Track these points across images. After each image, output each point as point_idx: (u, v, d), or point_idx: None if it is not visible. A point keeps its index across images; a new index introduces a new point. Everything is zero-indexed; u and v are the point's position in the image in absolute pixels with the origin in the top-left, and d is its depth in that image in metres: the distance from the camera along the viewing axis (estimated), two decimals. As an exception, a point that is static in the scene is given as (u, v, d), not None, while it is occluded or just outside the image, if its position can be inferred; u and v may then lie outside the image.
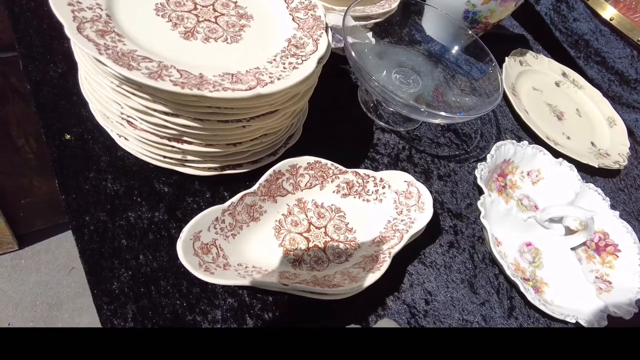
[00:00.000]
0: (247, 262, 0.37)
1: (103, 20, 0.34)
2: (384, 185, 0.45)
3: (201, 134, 0.36)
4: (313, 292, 0.36)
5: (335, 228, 0.43)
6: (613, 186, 0.68)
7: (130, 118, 0.37)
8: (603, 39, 0.93)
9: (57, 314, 1.00)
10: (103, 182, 0.41)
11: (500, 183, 0.57)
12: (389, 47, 0.62)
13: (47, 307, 1.00)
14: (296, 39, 0.40)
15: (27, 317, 0.98)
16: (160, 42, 0.35)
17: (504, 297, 0.48)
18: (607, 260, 0.55)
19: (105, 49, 0.31)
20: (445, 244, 0.49)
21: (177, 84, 0.31)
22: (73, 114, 0.44)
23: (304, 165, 0.43)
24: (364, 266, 0.39)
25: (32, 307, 0.99)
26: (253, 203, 0.40)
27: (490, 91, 0.57)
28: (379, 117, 0.57)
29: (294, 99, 0.39)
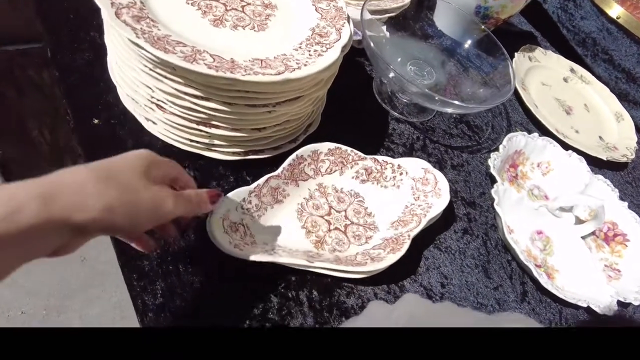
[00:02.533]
0: (272, 242, 0.38)
1: (138, 7, 0.35)
2: (402, 172, 0.46)
3: (229, 117, 0.38)
4: (337, 270, 0.37)
5: (355, 212, 0.44)
6: (621, 179, 0.69)
7: (161, 102, 0.38)
8: (610, 37, 0.94)
9: (69, 303, 1.01)
10: (131, 165, 0.42)
11: (511, 173, 0.59)
12: (403, 41, 0.64)
13: (60, 297, 1.02)
14: (320, 28, 0.41)
15: (39, 305, 1.00)
16: (191, 29, 0.37)
17: (517, 282, 0.49)
18: (616, 250, 0.56)
19: (142, 33, 0.32)
20: (460, 231, 0.50)
21: (212, 67, 0.32)
22: (101, 99, 0.45)
23: (325, 151, 0.44)
24: (384, 247, 0.40)
25: (45, 296, 1.01)
26: (277, 186, 0.41)
27: (502, 84, 0.58)
28: (393, 108, 0.59)
29: (317, 85, 0.41)
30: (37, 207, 0.21)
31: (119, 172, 0.26)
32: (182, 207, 0.29)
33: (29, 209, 0.21)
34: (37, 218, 0.21)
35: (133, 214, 0.25)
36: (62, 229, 0.23)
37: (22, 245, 0.21)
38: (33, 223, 0.21)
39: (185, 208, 0.29)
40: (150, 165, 0.28)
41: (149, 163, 0.28)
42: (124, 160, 0.27)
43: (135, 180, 0.26)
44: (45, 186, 0.22)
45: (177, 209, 0.28)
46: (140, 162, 0.28)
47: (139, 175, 0.27)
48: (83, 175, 0.24)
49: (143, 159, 0.28)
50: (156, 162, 0.29)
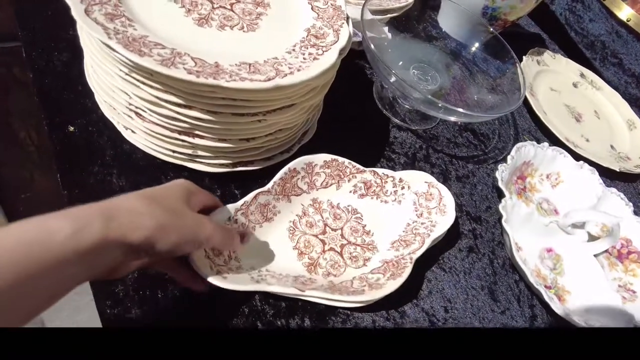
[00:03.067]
0: (260, 266, 0.35)
1: (113, 3, 0.31)
2: (404, 186, 0.43)
3: (214, 127, 0.34)
4: (331, 299, 0.34)
5: (352, 230, 0.40)
6: (633, 190, 0.65)
7: (139, 109, 0.35)
8: (620, 41, 0.90)
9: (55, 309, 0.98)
10: (108, 177, 0.39)
11: (519, 186, 0.55)
12: (405, 43, 0.60)
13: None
14: (316, 28, 0.38)
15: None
16: (173, 29, 0.33)
17: (525, 305, 0.45)
18: (630, 268, 0.53)
19: (114, 33, 0.29)
20: (465, 249, 0.46)
21: (192, 73, 0.29)
22: (77, 104, 0.41)
23: (320, 163, 0.41)
24: (384, 272, 0.37)
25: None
26: (267, 202, 0.38)
27: (511, 90, 0.54)
28: (394, 115, 0.55)
29: (312, 92, 0.37)
30: (100, 226, 0.22)
31: (163, 197, 0.28)
32: (219, 237, 0.30)
33: (94, 226, 0.22)
34: (100, 236, 0.22)
35: (180, 235, 0.27)
36: (119, 248, 0.24)
37: (86, 263, 0.22)
38: (97, 241, 0.22)
39: (221, 239, 0.30)
40: (190, 194, 0.30)
41: (188, 192, 0.30)
42: (167, 189, 0.29)
43: (180, 206, 0.28)
44: (104, 208, 0.24)
45: (214, 238, 0.29)
46: (182, 190, 0.30)
47: (181, 202, 0.29)
48: (133, 199, 0.26)
49: (184, 188, 0.30)
50: (195, 192, 0.31)
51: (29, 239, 0.20)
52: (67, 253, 0.20)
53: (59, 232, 0.21)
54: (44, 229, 0.21)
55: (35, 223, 0.21)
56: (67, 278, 0.21)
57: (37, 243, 0.20)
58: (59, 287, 0.21)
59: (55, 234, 0.20)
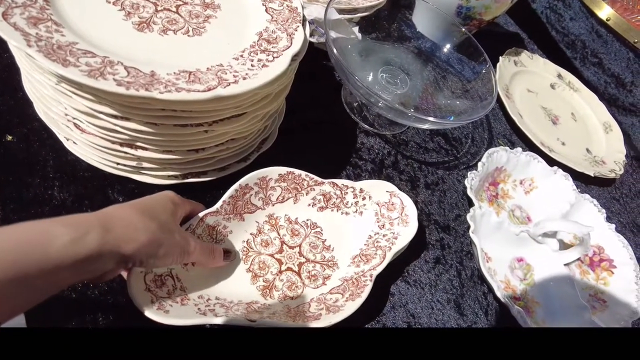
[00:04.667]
0: (209, 294, 0.32)
1: (38, 6, 0.29)
2: (364, 197, 0.41)
3: (156, 139, 0.32)
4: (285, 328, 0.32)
5: (311, 247, 0.38)
6: (608, 195, 0.65)
7: (77, 120, 0.32)
8: (600, 40, 0.89)
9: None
10: (49, 190, 0.36)
11: (491, 192, 0.54)
12: (376, 44, 0.58)
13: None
14: (268, 32, 0.35)
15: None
16: (109, 34, 0.31)
17: (493, 319, 0.44)
18: (601, 277, 0.52)
19: (37, 40, 0.26)
20: (431, 260, 0.45)
21: (122, 84, 0.26)
22: (17, 112, 0.39)
23: (275, 177, 0.38)
24: (343, 291, 0.35)
25: None
26: (216, 224, 0.35)
27: (484, 94, 0.53)
28: (363, 120, 0.53)
29: (265, 100, 0.35)
30: (98, 236, 0.23)
31: (156, 212, 0.28)
32: (201, 255, 0.31)
33: (92, 236, 0.23)
34: (98, 245, 0.23)
35: (169, 251, 0.28)
36: (113, 258, 0.24)
37: (80, 268, 0.23)
38: (94, 250, 0.23)
39: (203, 257, 0.31)
40: (176, 207, 0.31)
41: (175, 205, 0.31)
42: (157, 202, 0.30)
43: (169, 221, 0.29)
44: (102, 218, 0.24)
45: (197, 255, 0.30)
46: (170, 204, 0.30)
47: (170, 217, 0.29)
48: (129, 211, 0.27)
49: (171, 201, 0.31)
50: (180, 204, 0.32)
51: (30, 241, 0.21)
52: (64, 259, 0.22)
53: (59, 237, 0.22)
54: (45, 233, 0.22)
55: (37, 227, 0.22)
56: (60, 280, 0.22)
57: (37, 246, 0.21)
58: (51, 287, 0.22)
59: (56, 239, 0.22)
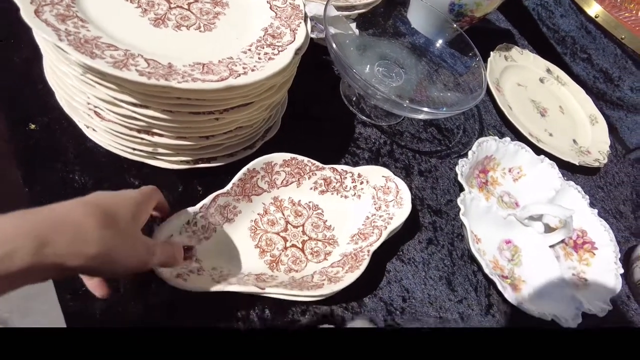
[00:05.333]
0: (221, 266, 0.36)
1: (65, 4, 0.32)
2: (362, 181, 0.44)
3: (171, 126, 0.35)
4: (291, 295, 0.35)
5: (314, 226, 0.42)
6: (592, 183, 0.68)
7: (97, 108, 0.35)
8: (589, 36, 0.93)
9: (33, 304, 0.97)
10: (71, 174, 0.39)
11: (481, 179, 0.57)
12: (373, 39, 0.61)
13: (23, 298, 0.98)
14: (273, 28, 0.38)
15: (2, 309, 0.96)
16: (128, 29, 0.34)
17: (482, 295, 0.48)
18: (584, 258, 0.55)
19: (66, 34, 0.29)
20: (424, 241, 0.48)
21: (144, 74, 0.29)
22: (39, 102, 0.42)
23: (280, 162, 0.42)
24: (343, 265, 0.38)
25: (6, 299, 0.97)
26: (226, 204, 0.38)
27: (474, 87, 0.56)
28: (360, 111, 0.56)
29: (270, 90, 0.38)
30: (31, 251, 0.21)
31: (116, 216, 0.26)
32: (164, 258, 0.30)
33: (23, 251, 0.21)
34: (31, 261, 0.21)
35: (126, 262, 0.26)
36: (54, 270, 0.23)
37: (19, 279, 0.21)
38: (27, 266, 0.21)
39: (165, 260, 0.30)
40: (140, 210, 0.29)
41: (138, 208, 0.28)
42: (120, 204, 0.27)
43: (131, 227, 0.27)
44: (40, 226, 0.22)
45: (159, 260, 0.29)
46: (133, 207, 0.28)
47: (132, 221, 0.27)
48: (81, 216, 0.24)
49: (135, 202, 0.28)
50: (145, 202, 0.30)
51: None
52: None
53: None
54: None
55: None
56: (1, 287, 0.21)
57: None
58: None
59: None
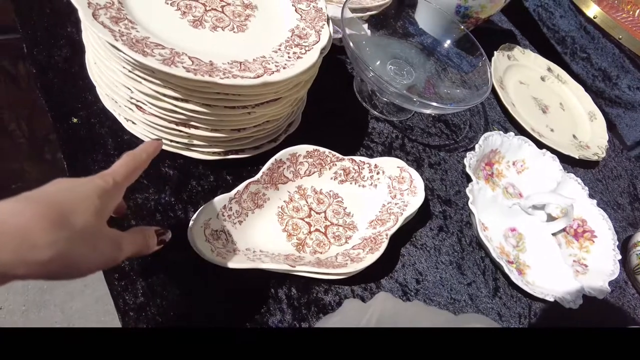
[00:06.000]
0: (254, 247, 0.39)
1: (116, 7, 0.35)
2: (379, 171, 0.47)
3: (208, 119, 0.38)
4: (318, 273, 0.38)
5: (334, 213, 0.45)
6: (592, 177, 0.72)
7: (140, 103, 0.39)
8: (587, 36, 0.96)
9: (49, 297, 1.01)
10: (110, 164, 0.42)
11: (487, 172, 0.60)
12: (384, 39, 0.64)
13: (39, 291, 1.01)
14: (299, 29, 0.42)
15: (19, 301, 0.99)
16: (170, 30, 0.37)
17: (489, 278, 0.51)
18: (584, 245, 0.59)
19: (120, 35, 0.32)
20: (435, 228, 0.51)
21: (190, 71, 0.32)
22: (79, 98, 0.45)
23: (303, 153, 0.45)
24: (363, 247, 0.41)
25: (23, 291, 1.00)
26: (257, 191, 0.42)
27: (480, 84, 0.59)
28: (373, 107, 0.59)
29: (296, 87, 0.41)
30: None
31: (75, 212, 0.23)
32: (135, 249, 0.28)
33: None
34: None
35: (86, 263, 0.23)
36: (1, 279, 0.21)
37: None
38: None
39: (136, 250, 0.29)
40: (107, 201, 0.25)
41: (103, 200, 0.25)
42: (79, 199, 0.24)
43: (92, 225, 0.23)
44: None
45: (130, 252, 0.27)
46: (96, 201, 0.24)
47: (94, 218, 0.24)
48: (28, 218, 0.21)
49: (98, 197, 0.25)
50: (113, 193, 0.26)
51: None
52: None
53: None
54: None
55: None
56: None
57: None
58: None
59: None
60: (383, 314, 0.27)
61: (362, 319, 0.27)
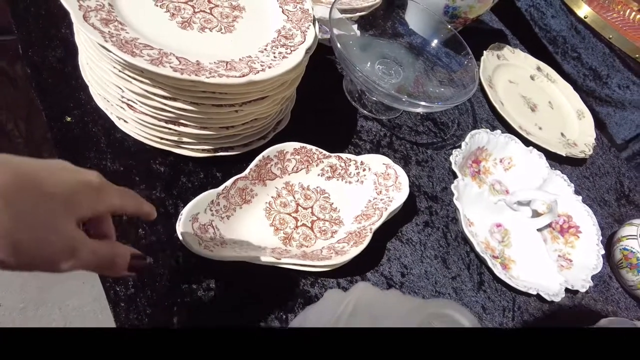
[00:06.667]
0: (241, 240, 0.40)
1: (106, 10, 0.36)
2: (365, 168, 0.49)
3: (196, 117, 0.39)
4: (303, 265, 0.39)
5: (321, 208, 0.46)
6: (579, 174, 0.73)
7: (130, 101, 0.40)
8: (578, 36, 0.98)
9: (47, 295, 1.02)
10: (103, 161, 0.43)
11: (474, 169, 0.62)
12: (373, 40, 0.65)
13: (37, 290, 1.02)
14: (285, 30, 0.43)
15: (17, 299, 1.00)
16: (159, 31, 0.38)
17: (474, 272, 0.52)
18: (569, 241, 0.60)
19: (109, 36, 0.34)
20: (421, 223, 0.53)
21: (177, 70, 0.34)
22: (73, 97, 0.46)
23: (291, 150, 0.46)
24: (348, 241, 0.43)
25: (21, 289, 1.01)
26: (245, 187, 0.43)
27: (467, 82, 0.60)
28: (362, 106, 0.61)
29: (283, 86, 0.42)
30: None
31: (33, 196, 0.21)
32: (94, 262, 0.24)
33: None
34: None
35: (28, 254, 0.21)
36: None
37: None
38: None
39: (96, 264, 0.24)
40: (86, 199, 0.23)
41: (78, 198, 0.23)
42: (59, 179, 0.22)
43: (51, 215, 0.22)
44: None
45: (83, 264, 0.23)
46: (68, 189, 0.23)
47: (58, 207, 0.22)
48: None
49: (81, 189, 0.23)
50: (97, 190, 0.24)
51: None
52: None
53: None
54: None
55: None
56: None
57: None
58: None
59: None
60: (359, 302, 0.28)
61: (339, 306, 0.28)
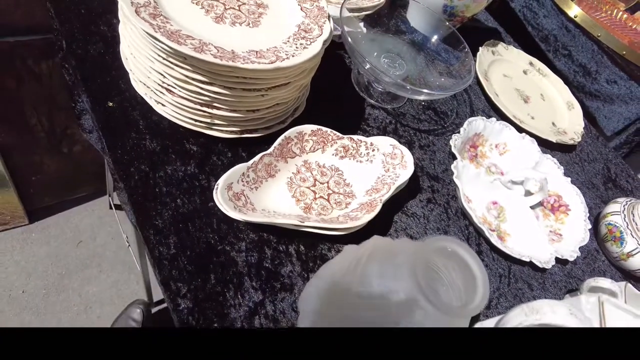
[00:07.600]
0: (269, 208, 0.46)
1: (152, 6, 0.42)
2: (374, 149, 0.54)
3: (228, 100, 0.45)
4: (323, 228, 0.45)
5: (336, 183, 0.52)
6: (569, 159, 0.79)
7: (170, 86, 0.45)
8: (569, 35, 1.04)
9: (67, 282, 1.07)
10: (142, 141, 0.49)
11: (471, 153, 0.67)
12: (378, 36, 0.71)
13: (58, 276, 1.07)
14: (304, 25, 0.49)
15: (39, 285, 1.05)
16: (196, 25, 0.44)
17: (473, 243, 0.58)
18: (559, 218, 0.66)
19: (158, 28, 0.39)
20: (425, 200, 0.58)
21: (217, 57, 0.39)
22: (113, 85, 0.52)
23: (308, 132, 0.52)
24: (361, 210, 0.48)
25: (44, 276, 1.06)
26: (270, 162, 0.49)
27: (463, 74, 0.66)
28: (369, 96, 0.66)
29: (303, 73, 0.48)
30: None
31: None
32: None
33: None
34: None
35: None
36: None
37: None
38: None
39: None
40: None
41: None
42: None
43: None
44: None
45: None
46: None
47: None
48: None
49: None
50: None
51: None
52: None
53: None
54: None
55: None
56: None
57: None
58: None
59: None
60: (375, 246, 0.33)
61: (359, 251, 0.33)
